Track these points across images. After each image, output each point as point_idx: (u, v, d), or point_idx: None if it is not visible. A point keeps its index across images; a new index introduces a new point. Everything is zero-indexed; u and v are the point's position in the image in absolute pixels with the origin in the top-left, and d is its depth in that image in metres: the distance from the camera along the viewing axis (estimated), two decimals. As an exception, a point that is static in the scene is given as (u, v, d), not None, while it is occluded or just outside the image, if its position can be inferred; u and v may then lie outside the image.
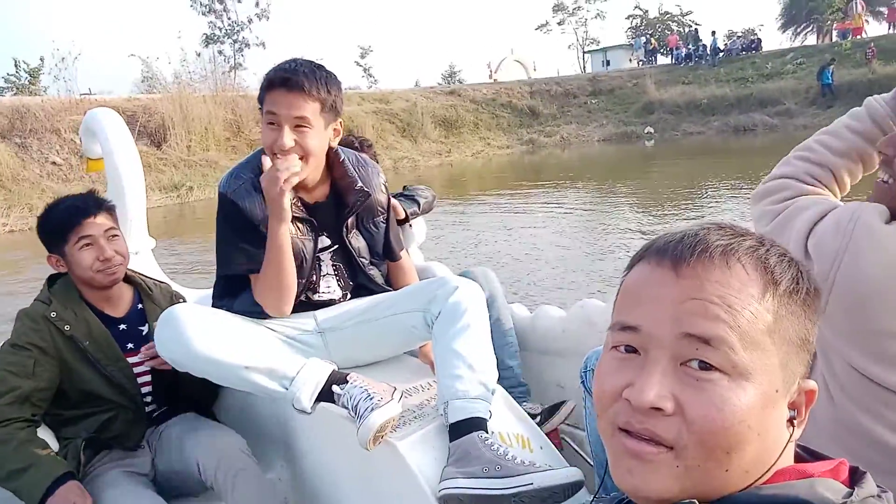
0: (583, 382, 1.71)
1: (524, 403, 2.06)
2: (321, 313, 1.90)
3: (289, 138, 1.71)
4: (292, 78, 1.71)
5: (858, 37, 28.41)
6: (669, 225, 7.93)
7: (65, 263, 1.93)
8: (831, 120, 1.52)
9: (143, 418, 1.99)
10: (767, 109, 23.55)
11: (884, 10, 34.51)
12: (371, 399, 1.54)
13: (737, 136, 22.36)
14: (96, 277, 1.91)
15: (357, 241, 1.94)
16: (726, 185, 11.33)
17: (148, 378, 1.99)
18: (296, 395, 1.66)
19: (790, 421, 0.64)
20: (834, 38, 31.24)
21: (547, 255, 7.05)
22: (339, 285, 1.94)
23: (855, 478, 0.63)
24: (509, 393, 2.08)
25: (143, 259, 2.86)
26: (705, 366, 0.61)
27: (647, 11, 47.33)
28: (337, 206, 1.91)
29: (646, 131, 24.95)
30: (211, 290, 2.29)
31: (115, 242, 1.95)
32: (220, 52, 32.84)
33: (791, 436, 0.64)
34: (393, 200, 2.43)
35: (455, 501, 1.42)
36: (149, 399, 2.01)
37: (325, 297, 1.92)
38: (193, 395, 2.04)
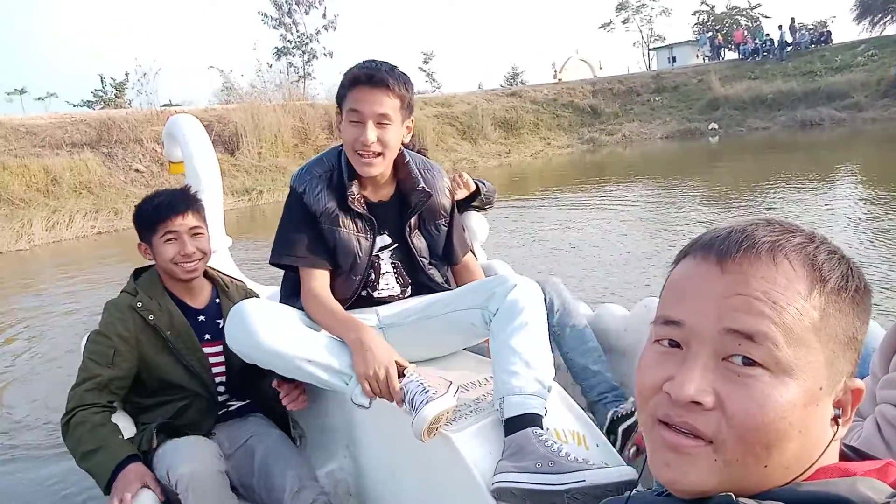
0: None
1: (622, 406, 2.03)
2: (383, 309, 1.94)
3: (373, 134, 1.74)
4: (376, 75, 1.73)
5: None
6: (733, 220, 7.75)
7: (151, 253, 2.04)
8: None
9: (216, 407, 2.06)
10: (835, 103, 22.57)
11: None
12: (426, 392, 1.56)
13: (803, 130, 21.48)
14: (174, 270, 2.01)
15: (419, 242, 1.96)
16: (793, 180, 10.97)
17: (223, 369, 2.06)
18: (355, 390, 1.69)
19: (835, 419, 0.63)
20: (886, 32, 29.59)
21: (609, 251, 6.99)
22: (398, 283, 1.97)
23: None
24: (600, 399, 2.11)
25: (220, 257, 2.99)
26: (748, 361, 0.60)
27: (713, 7, 45.97)
28: (400, 206, 1.93)
29: (710, 127, 24.24)
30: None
31: (198, 240, 2.04)
32: (289, 64, 33.78)
33: (835, 434, 0.63)
34: (463, 174, 2.49)
35: (508, 495, 1.42)
36: (221, 389, 2.07)
37: (385, 293, 1.96)
38: (263, 387, 2.07)
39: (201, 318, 2.09)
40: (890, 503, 0.56)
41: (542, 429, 1.53)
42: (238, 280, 2.33)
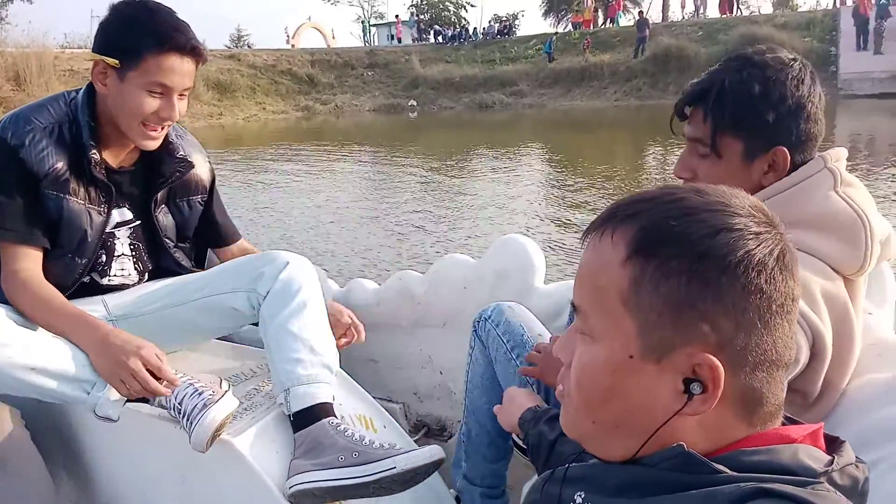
0: (475, 331, 1.58)
1: None
2: (112, 298, 1.58)
3: (176, 109, 1.46)
4: (195, 44, 1.42)
5: (587, 29, 32.02)
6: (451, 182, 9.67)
7: None
8: (552, 99, 1.77)
9: None
10: (505, 89, 26.07)
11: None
12: (201, 395, 1.31)
13: (481, 111, 24.68)
14: None
15: (165, 219, 1.64)
16: (477, 151, 13.83)
17: None
18: (100, 399, 1.35)
19: (687, 393, 0.58)
20: (568, 28, 34.82)
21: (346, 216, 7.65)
22: (135, 269, 1.62)
23: (833, 446, 0.61)
24: None
25: None
26: (581, 329, 0.65)
27: (426, -9, 48.89)
28: (147, 176, 1.60)
29: (409, 104, 26.66)
30: None
31: None
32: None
33: (683, 407, 0.58)
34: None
35: (308, 497, 1.28)
36: None
37: (116, 281, 1.59)
38: None
39: None
40: (827, 471, 0.56)
41: (337, 417, 1.39)
42: None
